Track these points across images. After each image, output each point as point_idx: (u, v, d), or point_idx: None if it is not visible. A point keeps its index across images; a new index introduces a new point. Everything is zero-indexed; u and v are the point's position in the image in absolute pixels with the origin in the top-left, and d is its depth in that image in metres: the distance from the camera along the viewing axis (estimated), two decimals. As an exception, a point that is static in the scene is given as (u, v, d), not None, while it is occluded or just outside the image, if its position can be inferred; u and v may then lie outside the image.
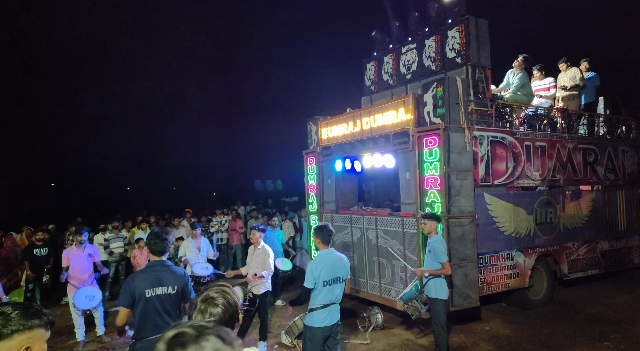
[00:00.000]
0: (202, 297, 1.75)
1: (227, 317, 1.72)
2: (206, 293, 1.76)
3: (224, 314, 1.71)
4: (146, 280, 3.11)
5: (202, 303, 1.72)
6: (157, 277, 3.14)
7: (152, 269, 3.19)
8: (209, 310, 1.70)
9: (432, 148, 5.81)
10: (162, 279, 3.14)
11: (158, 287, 3.11)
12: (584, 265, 7.67)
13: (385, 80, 8.49)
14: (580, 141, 7.73)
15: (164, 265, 3.25)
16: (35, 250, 7.84)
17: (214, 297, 1.74)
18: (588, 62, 8.90)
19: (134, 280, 3.12)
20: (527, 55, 7.52)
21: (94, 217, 12.93)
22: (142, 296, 3.06)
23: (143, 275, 3.17)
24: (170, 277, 3.18)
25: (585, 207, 7.71)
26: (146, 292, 3.07)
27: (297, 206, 14.50)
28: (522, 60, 7.50)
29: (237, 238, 10.72)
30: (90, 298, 6.01)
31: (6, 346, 1.36)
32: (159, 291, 3.11)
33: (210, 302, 1.72)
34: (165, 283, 3.14)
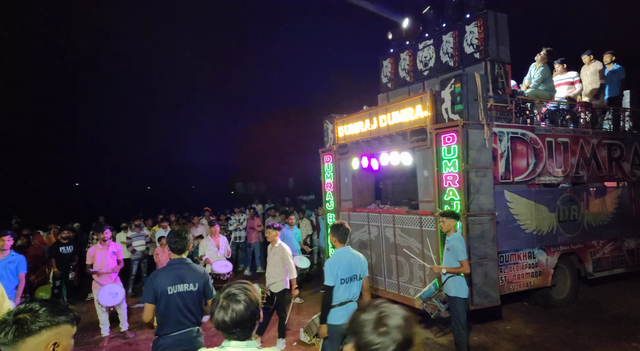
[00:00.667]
0: (224, 294, 1.78)
1: (249, 314, 1.75)
2: (228, 290, 1.80)
3: (246, 310, 1.74)
4: (168, 277, 3.18)
5: (224, 300, 1.76)
6: (178, 275, 3.20)
7: (173, 267, 3.25)
8: (231, 306, 1.73)
9: (450, 146, 5.74)
10: (184, 277, 3.20)
11: (179, 284, 3.17)
12: (610, 263, 7.46)
13: (402, 77, 8.41)
14: (605, 136, 7.51)
15: (185, 263, 3.31)
16: (61, 248, 8.09)
17: (235, 294, 1.77)
18: (612, 54, 8.63)
19: (156, 278, 3.19)
20: (551, 49, 7.32)
21: (116, 216, 13.24)
22: (164, 293, 3.13)
23: (165, 272, 3.23)
24: (191, 275, 3.24)
25: (610, 204, 7.49)
26: (168, 289, 3.13)
27: (314, 204, 14.53)
28: (545, 54, 7.30)
29: (255, 236, 10.81)
30: (114, 295, 6.17)
31: (35, 341, 1.41)
32: (180, 289, 3.17)
33: (232, 298, 1.75)
34: (186, 281, 3.20)
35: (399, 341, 1.23)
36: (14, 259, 5.41)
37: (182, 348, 3.10)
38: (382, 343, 1.22)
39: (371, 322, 1.26)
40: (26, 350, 1.41)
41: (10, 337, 1.39)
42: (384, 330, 1.24)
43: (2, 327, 1.41)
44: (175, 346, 3.09)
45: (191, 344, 3.13)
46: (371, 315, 1.29)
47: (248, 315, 1.74)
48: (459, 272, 4.80)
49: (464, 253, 4.75)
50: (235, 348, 1.76)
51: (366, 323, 1.28)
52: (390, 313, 1.30)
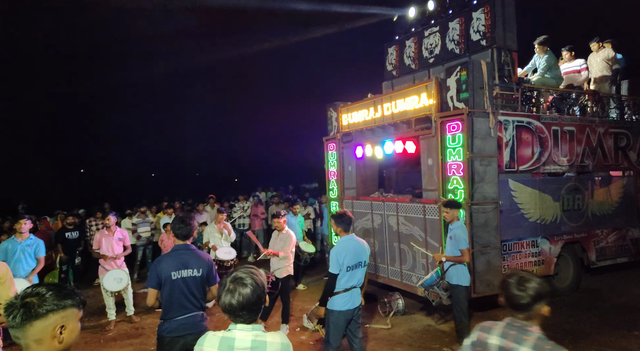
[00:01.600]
0: (231, 278, 1.81)
1: (255, 297, 1.78)
2: (235, 274, 1.83)
3: (252, 294, 1.77)
4: (172, 263, 3.22)
5: (231, 283, 1.79)
6: (182, 260, 3.24)
7: (178, 253, 3.29)
8: (237, 290, 1.76)
9: (455, 134, 5.70)
10: (188, 262, 3.24)
11: (183, 270, 3.21)
12: (613, 253, 7.46)
13: (407, 65, 8.33)
14: (612, 125, 7.44)
15: (189, 248, 3.35)
16: (67, 234, 8.17)
17: (242, 277, 1.80)
18: (612, 43, 8.47)
19: (160, 263, 3.23)
20: (546, 36, 7.18)
21: (121, 203, 13.35)
22: (169, 278, 3.17)
23: (169, 258, 3.27)
24: (195, 260, 3.27)
25: (615, 193, 7.46)
26: (172, 275, 3.17)
27: (317, 192, 14.56)
28: (539, 46, 7.17)
29: (259, 223, 10.88)
30: (118, 281, 6.25)
31: (42, 324, 1.44)
32: (184, 274, 3.20)
33: (239, 282, 1.78)
34: (190, 266, 3.23)
35: (532, 295, 1.85)
36: (31, 242, 5.69)
37: (186, 332, 3.15)
38: (521, 295, 1.87)
39: (514, 282, 1.90)
40: (34, 333, 1.44)
41: (18, 320, 1.42)
42: (522, 287, 1.88)
43: (10, 311, 1.43)
44: (180, 330, 3.15)
45: (196, 328, 3.18)
46: (514, 279, 1.92)
47: (254, 298, 1.77)
48: (460, 261, 4.82)
49: (465, 242, 4.77)
50: (242, 331, 1.80)
51: (511, 283, 1.91)
52: (527, 277, 1.92)
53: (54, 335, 1.46)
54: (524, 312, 1.89)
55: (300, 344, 5.41)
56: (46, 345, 1.45)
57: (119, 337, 5.91)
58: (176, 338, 3.14)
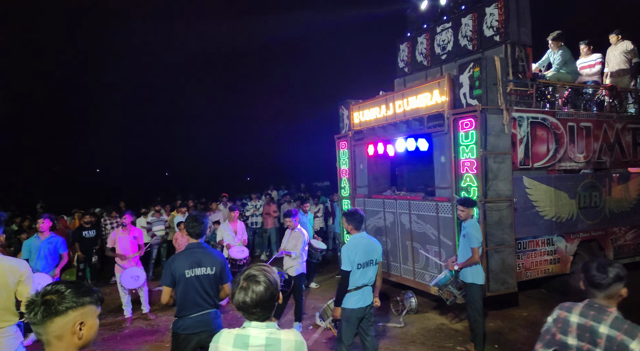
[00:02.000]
0: (244, 275, 1.83)
1: (268, 295, 1.79)
2: (248, 271, 1.85)
3: (266, 291, 1.79)
4: (186, 261, 3.26)
5: (244, 281, 1.81)
6: (196, 258, 3.28)
7: (191, 251, 3.34)
8: (251, 287, 1.78)
9: (468, 131, 5.65)
10: (201, 260, 3.28)
11: (197, 268, 3.25)
12: (632, 251, 7.31)
13: (419, 62, 8.26)
14: (630, 121, 7.27)
15: (202, 247, 3.39)
16: (84, 232, 8.33)
17: (255, 275, 1.81)
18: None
19: (174, 262, 3.28)
20: (560, 31, 7.05)
21: (136, 201, 13.54)
22: (182, 276, 3.21)
23: (182, 256, 3.32)
24: (208, 259, 3.32)
25: (634, 190, 7.30)
26: (186, 273, 3.22)
27: (329, 190, 14.56)
28: (552, 42, 7.03)
29: (271, 221, 10.94)
30: (135, 278, 6.37)
31: (63, 321, 1.49)
32: (198, 272, 3.25)
33: (252, 279, 1.80)
34: (203, 264, 3.28)
35: (612, 277, 2.06)
36: (53, 240, 5.93)
37: (201, 329, 3.20)
38: (602, 276, 2.07)
39: (595, 265, 2.12)
40: (55, 329, 1.48)
41: (39, 317, 1.47)
42: (603, 269, 2.08)
43: (31, 308, 1.48)
44: (194, 327, 3.20)
45: (210, 325, 3.23)
46: (595, 262, 2.14)
47: (267, 295, 1.79)
48: (471, 263, 4.78)
49: (477, 241, 4.73)
50: (256, 329, 1.82)
51: (592, 266, 2.13)
52: (607, 261, 2.15)
53: (73, 331, 1.50)
54: (604, 291, 2.09)
55: (313, 342, 5.43)
56: (66, 341, 1.50)
57: (135, 334, 6.02)
58: (191, 335, 3.20)
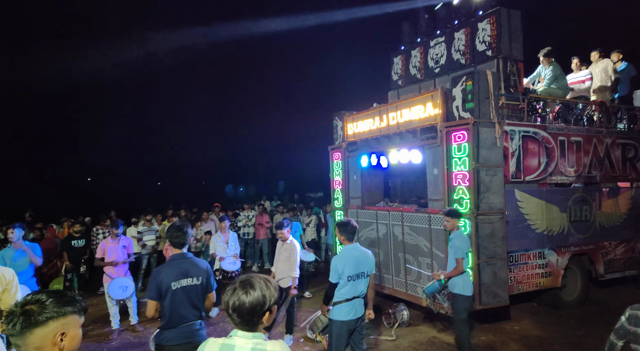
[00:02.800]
0: (242, 279, 1.84)
1: (259, 306, 1.78)
2: (247, 278, 1.84)
3: (257, 302, 1.77)
4: (172, 273, 3.21)
5: (240, 286, 1.80)
6: (181, 269, 3.23)
7: (177, 262, 3.28)
8: (244, 293, 1.77)
9: (460, 144, 5.69)
10: (187, 271, 3.24)
11: (183, 279, 3.21)
12: (622, 265, 7.34)
13: (413, 74, 8.36)
14: (620, 136, 7.38)
15: (186, 257, 3.35)
16: (73, 242, 8.21)
17: (252, 283, 1.81)
18: (619, 53, 8.46)
19: (160, 274, 3.21)
20: (550, 48, 7.21)
21: (127, 211, 13.39)
22: (169, 289, 3.16)
23: (168, 268, 3.26)
24: (194, 269, 3.28)
25: (623, 205, 7.37)
26: (172, 285, 3.17)
27: (322, 201, 14.54)
28: (544, 58, 7.18)
29: (263, 232, 10.86)
30: (124, 289, 6.25)
31: (42, 332, 1.44)
32: (184, 283, 3.20)
33: (248, 287, 1.79)
34: (190, 275, 3.24)
35: None
36: (26, 248, 5.69)
37: (185, 341, 3.16)
38: None
39: None
40: (34, 341, 1.43)
41: (18, 328, 1.42)
42: None
43: (10, 319, 1.43)
44: (179, 339, 3.15)
45: (194, 337, 3.19)
46: None
47: (258, 307, 1.77)
48: (457, 274, 4.81)
49: (462, 252, 4.77)
50: (242, 338, 1.80)
51: None
52: None
53: (54, 343, 1.46)
54: None
55: (303, 355, 5.35)
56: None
57: (122, 346, 5.89)
58: (175, 346, 3.15)
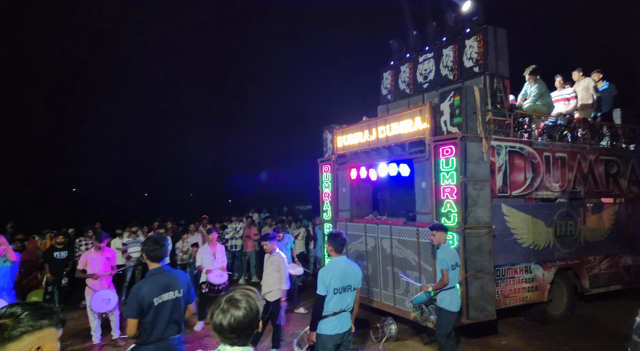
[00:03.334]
0: (227, 297, 1.79)
1: (247, 321, 1.74)
2: (232, 294, 1.80)
3: (244, 318, 1.74)
4: (152, 288, 3.11)
5: (226, 303, 1.77)
6: (163, 284, 3.15)
7: (156, 277, 3.18)
8: (230, 311, 1.74)
9: (448, 158, 5.75)
10: (168, 285, 3.17)
11: (164, 293, 3.13)
12: (607, 280, 7.43)
13: (402, 89, 8.47)
14: (603, 152, 7.54)
15: (165, 270, 3.26)
16: (55, 253, 8.01)
17: (238, 299, 1.77)
18: (600, 72, 8.71)
19: (141, 290, 3.10)
20: (534, 67, 7.40)
21: (112, 222, 13.15)
22: (152, 305, 3.07)
23: (148, 284, 3.15)
24: (175, 281, 3.22)
25: (607, 220, 7.49)
26: (154, 301, 3.08)
27: (311, 214, 14.48)
28: (529, 75, 7.38)
29: (251, 245, 10.75)
30: (107, 302, 6.10)
31: (16, 347, 1.37)
32: (165, 297, 3.12)
33: (233, 303, 1.75)
34: (171, 288, 3.17)
35: None
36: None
37: None
38: None
39: None
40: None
41: None
42: None
43: None
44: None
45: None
46: None
47: (246, 322, 1.74)
48: (441, 285, 4.83)
49: (446, 263, 4.80)
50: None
51: None
52: None
53: None
54: None
55: (290, 370, 5.25)
56: None
57: (102, 361, 5.72)
58: None
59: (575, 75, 8.56)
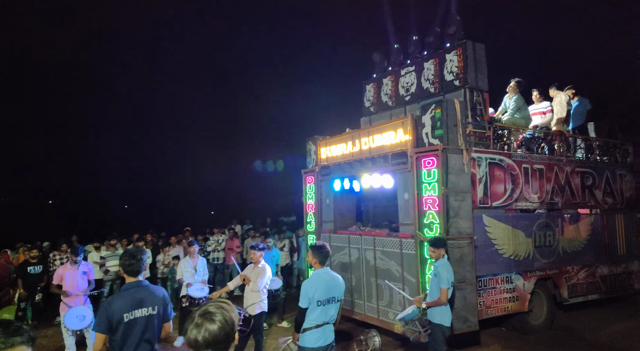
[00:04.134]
0: (200, 311, 1.72)
1: (223, 335, 1.68)
2: (205, 307, 1.74)
3: (220, 331, 1.67)
4: (124, 303, 2.99)
5: (199, 318, 1.69)
6: (135, 299, 3.03)
7: (130, 292, 3.07)
8: (204, 325, 1.67)
9: (430, 169, 5.82)
10: (142, 300, 3.04)
11: (137, 309, 3.00)
12: (584, 289, 7.57)
13: (385, 102, 8.59)
14: (578, 164, 7.76)
15: (142, 285, 3.14)
16: (29, 268, 7.74)
17: (212, 312, 1.70)
18: (572, 88, 8.97)
19: (111, 305, 2.98)
20: (520, 79, 7.63)
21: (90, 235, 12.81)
22: (121, 321, 2.94)
23: (120, 298, 3.03)
24: (150, 298, 3.07)
25: (584, 231, 7.67)
26: (124, 317, 2.95)
27: (295, 226, 14.40)
28: (514, 84, 7.60)
29: (233, 257, 10.58)
30: (82, 318, 5.88)
31: None
32: (138, 314, 3.00)
33: (207, 317, 1.69)
34: (145, 305, 3.04)
35: None
36: None
37: None
38: None
39: None
40: None
41: None
42: None
43: None
44: None
45: None
46: None
47: (222, 336, 1.68)
48: (438, 304, 4.74)
49: (447, 282, 4.67)
50: None
51: None
52: None
53: None
54: None
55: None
56: None
57: (77, 380, 5.49)
58: None
59: (551, 91, 8.82)
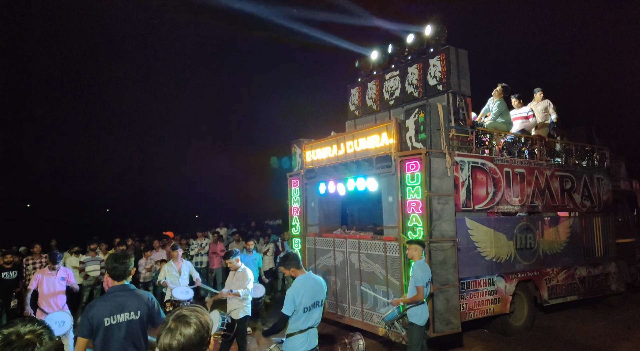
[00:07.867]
0: (174, 316, 1.69)
1: (198, 338, 1.65)
2: (179, 311, 1.71)
3: (195, 334, 1.65)
4: (106, 307, 2.93)
5: (173, 322, 1.66)
6: (118, 303, 2.96)
7: (113, 295, 3.02)
8: (179, 329, 1.64)
9: (414, 173, 5.87)
10: (124, 305, 2.98)
11: (119, 314, 2.94)
12: (564, 291, 7.73)
13: (369, 106, 8.64)
14: (558, 168, 7.93)
15: (126, 289, 3.08)
16: (3, 273, 7.50)
17: (186, 316, 1.68)
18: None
19: (92, 309, 2.93)
20: (506, 85, 7.77)
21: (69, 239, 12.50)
22: (101, 325, 2.88)
23: (102, 302, 2.99)
24: (133, 302, 3.01)
25: (563, 233, 7.83)
26: (105, 321, 2.89)
27: (280, 229, 14.34)
28: (500, 89, 7.74)
29: (217, 261, 10.47)
30: (60, 324, 5.72)
31: None
32: (120, 319, 2.93)
33: (182, 320, 1.66)
34: (127, 309, 2.97)
35: None
36: None
37: None
38: None
39: None
40: None
41: None
42: None
43: None
44: None
45: None
46: None
47: (197, 339, 1.65)
48: (415, 301, 4.85)
49: (421, 280, 4.82)
50: None
51: None
52: None
53: None
54: None
55: (256, 391, 5.09)
56: None
57: (54, 388, 5.34)
58: None
59: (537, 95, 8.95)
